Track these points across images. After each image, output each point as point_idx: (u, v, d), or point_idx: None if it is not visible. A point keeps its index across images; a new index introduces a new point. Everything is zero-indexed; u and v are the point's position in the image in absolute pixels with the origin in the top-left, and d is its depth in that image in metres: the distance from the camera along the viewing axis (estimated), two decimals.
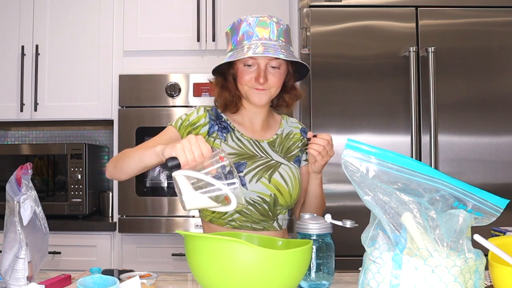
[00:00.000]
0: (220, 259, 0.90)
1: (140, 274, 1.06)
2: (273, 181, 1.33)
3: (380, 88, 2.08)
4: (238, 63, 1.32)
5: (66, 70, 2.48)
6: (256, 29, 1.28)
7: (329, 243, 1.09)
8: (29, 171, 1.14)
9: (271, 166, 1.35)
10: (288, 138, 1.45)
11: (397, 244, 0.83)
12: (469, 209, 0.86)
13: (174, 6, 2.46)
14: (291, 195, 1.36)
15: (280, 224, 1.38)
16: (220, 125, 1.38)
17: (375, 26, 2.09)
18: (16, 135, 2.91)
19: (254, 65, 1.30)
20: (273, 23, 1.29)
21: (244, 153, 1.35)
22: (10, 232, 1.07)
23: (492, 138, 2.06)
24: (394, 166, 0.86)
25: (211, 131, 1.36)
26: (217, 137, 1.36)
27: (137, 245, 2.31)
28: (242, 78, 1.31)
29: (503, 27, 2.09)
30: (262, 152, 1.37)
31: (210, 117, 1.38)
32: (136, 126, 2.34)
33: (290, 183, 1.35)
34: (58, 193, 2.37)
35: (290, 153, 1.42)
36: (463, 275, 0.81)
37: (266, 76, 1.29)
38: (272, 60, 1.29)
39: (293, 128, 1.48)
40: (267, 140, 1.40)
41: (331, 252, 1.09)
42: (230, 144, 1.35)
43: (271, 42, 1.27)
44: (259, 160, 1.34)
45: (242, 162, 1.32)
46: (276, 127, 1.45)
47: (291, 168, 1.38)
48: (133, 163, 1.22)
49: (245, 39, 1.28)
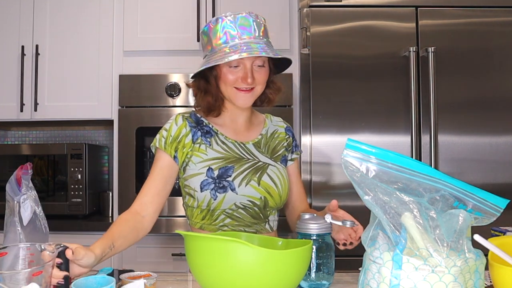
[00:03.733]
0: (220, 259, 0.90)
1: (140, 274, 1.06)
2: (262, 183, 1.30)
3: (380, 88, 2.08)
4: (221, 64, 1.26)
5: (66, 70, 2.48)
6: (237, 27, 1.24)
7: (329, 243, 1.09)
8: (29, 171, 1.15)
9: (259, 168, 1.32)
10: (273, 138, 1.42)
11: (397, 244, 0.83)
12: (469, 209, 0.86)
13: (174, 6, 2.46)
14: (280, 196, 1.34)
15: (271, 226, 1.37)
16: (202, 130, 1.34)
17: (375, 26, 2.09)
18: (16, 135, 2.91)
19: (239, 65, 1.26)
20: (252, 19, 1.26)
21: (230, 156, 1.31)
22: (10, 232, 1.07)
23: (492, 138, 2.06)
24: (394, 166, 0.86)
25: (195, 138, 1.32)
26: (201, 143, 1.32)
27: (137, 245, 2.30)
28: (227, 79, 1.26)
29: (503, 27, 2.09)
30: (248, 154, 1.34)
31: (190, 124, 1.34)
32: (136, 126, 2.34)
33: (279, 184, 1.33)
34: (58, 193, 2.37)
35: (276, 153, 1.40)
36: (463, 275, 0.81)
37: (254, 75, 1.26)
38: (257, 59, 1.27)
39: (278, 127, 1.45)
40: (252, 141, 1.37)
41: (331, 252, 1.09)
42: (215, 148, 1.32)
43: (255, 41, 1.24)
44: (246, 163, 1.31)
45: (230, 166, 1.29)
46: (260, 126, 1.42)
47: (279, 168, 1.36)
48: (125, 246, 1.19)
49: (228, 39, 1.24)
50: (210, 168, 1.28)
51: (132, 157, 2.33)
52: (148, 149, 2.38)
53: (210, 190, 1.27)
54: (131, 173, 2.32)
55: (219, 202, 1.27)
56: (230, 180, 1.27)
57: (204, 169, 1.28)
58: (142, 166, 2.35)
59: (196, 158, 1.30)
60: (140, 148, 2.35)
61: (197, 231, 1.34)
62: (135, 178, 2.31)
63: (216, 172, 1.27)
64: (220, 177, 1.27)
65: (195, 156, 1.30)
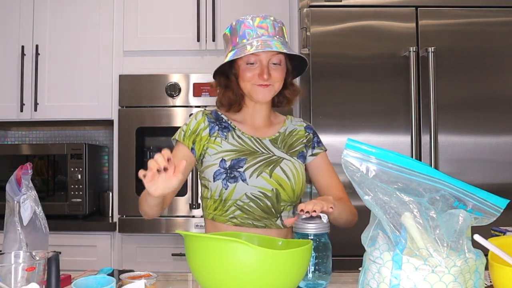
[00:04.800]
0: (220, 259, 0.90)
1: (140, 274, 1.06)
2: (274, 176, 1.33)
3: (380, 88, 2.08)
4: (239, 62, 1.34)
5: (66, 70, 2.48)
6: (255, 27, 1.31)
7: (326, 243, 1.09)
8: (29, 171, 1.15)
9: (273, 161, 1.36)
10: (292, 135, 1.45)
11: (397, 244, 0.83)
12: (469, 209, 0.86)
13: (174, 6, 2.46)
14: (293, 190, 1.36)
15: (284, 223, 1.38)
16: (220, 125, 1.39)
17: (375, 26, 2.09)
18: (16, 135, 2.91)
19: (256, 63, 1.32)
20: (270, 21, 1.33)
21: (244, 149, 1.35)
22: (10, 232, 1.07)
23: (492, 138, 2.06)
24: (394, 166, 0.86)
25: (212, 132, 1.38)
26: (217, 136, 1.37)
27: (137, 245, 2.31)
28: (245, 75, 1.33)
29: (503, 27, 2.09)
30: (263, 148, 1.38)
31: (209, 120, 1.40)
32: (136, 126, 2.34)
33: (292, 178, 1.35)
34: (58, 193, 2.37)
35: (293, 149, 1.42)
36: (463, 275, 0.81)
37: (269, 72, 1.31)
38: (273, 57, 1.32)
39: (297, 126, 1.49)
40: (269, 138, 1.41)
41: (328, 252, 1.09)
42: (231, 141, 1.37)
43: (270, 38, 1.30)
44: (260, 156, 1.35)
45: (242, 158, 1.33)
46: (279, 125, 1.46)
47: (294, 163, 1.38)
48: (149, 210, 1.27)
49: (245, 37, 1.31)
50: (223, 159, 1.33)
51: (132, 157, 2.33)
52: (148, 149, 2.39)
53: (221, 180, 1.31)
54: (131, 173, 2.32)
55: (230, 191, 1.31)
56: (242, 171, 1.31)
57: (218, 160, 1.33)
58: (142, 166, 2.34)
59: (212, 150, 1.36)
60: (140, 148, 2.35)
61: (210, 222, 1.39)
62: (135, 178, 2.31)
63: (228, 163, 1.32)
64: (232, 167, 1.32)
65: (210, 148, 1.36)
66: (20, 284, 0.80)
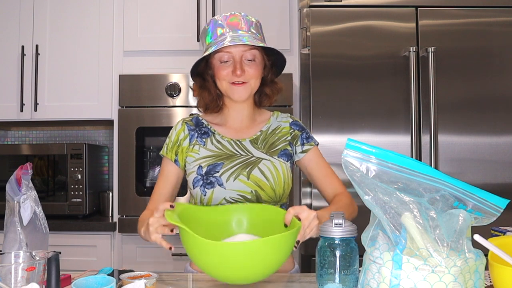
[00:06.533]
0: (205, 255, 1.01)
1: (140, 274, 1.06)
2: (252, 177, 1.31)
3: (380, 88, 2.08)
4: (214, 61, 1.33)
5: (66, 70, 2.48)
6: (226, 24, 1.30)
7: (354, 248, 0.99)
8: (29, 171, 1.15)
9: (251, 163, 1.33)
10: (274, 134, 1.41)
11: (397, 244, 0.83)
12: (469, 209, 0.86)
13: (174, 6, 2.46)
14: (274, 190, 1.32)
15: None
16: (200, 132, 1.39)
17: (375, 26, 2.10)
18: (16, 135, 2.91)
19: (230, 60, 1.30)
20: (242, 18, 1.32)
21: (222, 153, 1.34)
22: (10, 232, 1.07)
23: (492, 138, 2.06)
24: (394, 166, 0.86)
25: (192, 141, 1.38)
26: (196, 144, 1.37)
27: (137, 245, 2.31)
28: (220, 74, 1.31)
29: (503, 27, 2.09)
30: (242, 150, 1.36)
31: (189, 128, 1.39)
32: (136, 126, 2.34)
33: (271, 178, 1.32)
34: (58, 193, 2.38)
35: (274, 148, 1.38)
36: (463, 275, 0.81)
37: (243, 68, 1.29)
38: (246, 52, 1.30)
39: (282, 123, 1.44)
40: (249, 138, 1.38)
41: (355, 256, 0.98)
42: (209, 147, 1.36)
43: (241, 33, 1.29)
44: (237, 159, 1.33)
45: (219, 162, 1.32)
46: (262, 124, 1.43)
47: (274, 162, 1.34)
48: None
49: (216, 36, 1.30)
50: (200, 166, 1.33)
51: (132, 157, 2.33)
52: (148, 149, 2.39)
53: (199, 187, 1.31)
54: (131, 173, 2.32)
55: (209, 197, 1.31)
56: (218, 176, 1.31)
57: (195, 168, 1.33)
58: (142, 166, 2.35)
59: (190, 158, 1.36)
60: (140, 148, 2.35)
61: None
62: (135, 178, 2.31)
63: (204, 169, 1.32)
64: (208, 173, 1.31)
65: (189, 156, 1.36)
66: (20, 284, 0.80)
